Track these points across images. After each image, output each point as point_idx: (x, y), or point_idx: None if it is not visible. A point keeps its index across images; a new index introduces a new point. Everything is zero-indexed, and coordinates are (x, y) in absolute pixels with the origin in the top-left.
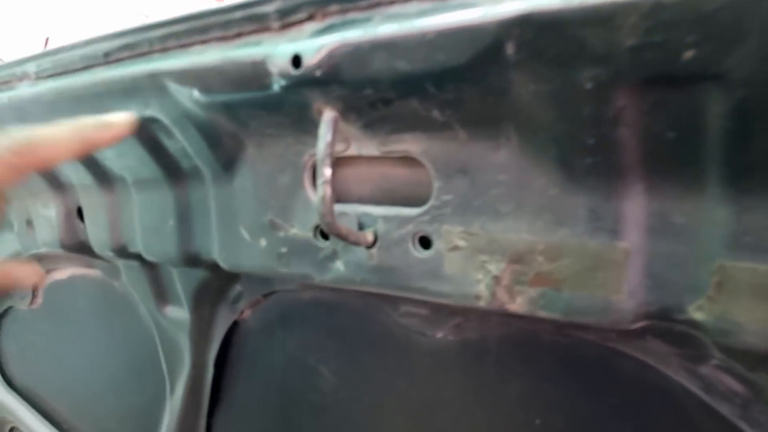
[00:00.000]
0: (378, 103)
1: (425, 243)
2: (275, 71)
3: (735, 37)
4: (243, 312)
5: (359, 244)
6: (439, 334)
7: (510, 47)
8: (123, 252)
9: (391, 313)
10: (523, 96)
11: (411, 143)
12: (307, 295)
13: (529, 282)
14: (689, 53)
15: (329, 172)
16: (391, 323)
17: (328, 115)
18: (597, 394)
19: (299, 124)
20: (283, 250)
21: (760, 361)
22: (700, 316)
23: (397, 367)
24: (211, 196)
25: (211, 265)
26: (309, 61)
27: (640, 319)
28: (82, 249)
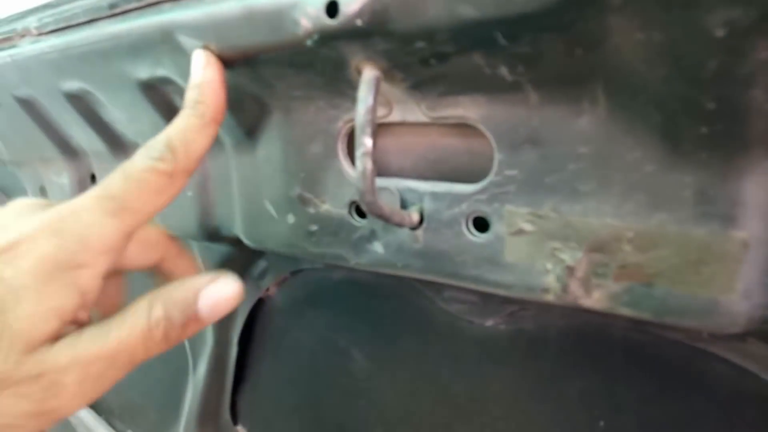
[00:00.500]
0: (431, 59)
1: (481, 225)
2: (306, 22)
3: None
4: (269, 289)
5: (403, 225)
6: (489, 323)
7: None
8: None
9: (433, 297)
10: (624, 48)
11: (468, 107)
12: (338, 274)
13: (612, 275)
14: None
15: (370, 143)
16: (432, 308)
17: (369, 75)
18: (678, 399)
19: (333, 84)
20: (314, 228)
21: None
22: None
23: (437, 355)
24: (233, 165)
25: (234, 240)
26: (348, 8)
27: (756, 323)
28: None
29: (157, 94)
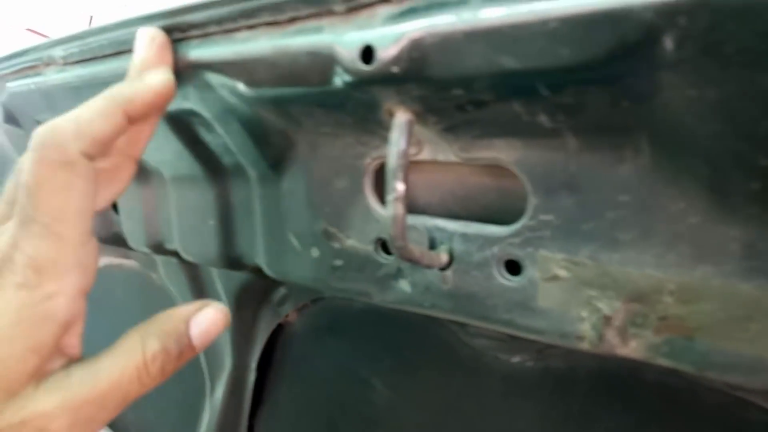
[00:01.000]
0: (468, 105)
1: (514, 268)
2: (339, 65)
3: None
4: (288, 315)
5: (432, 266)
6: (516, 359)
7: (669, 41)
8: (159, 248)
9: (457, 332)
10: (674, 102)
11: (502, 150)
12: (359, 304)
13: (651, 326)
14: None
15: (402, 187)
16: (456, 341)
17: (402, 118)
18: None
19: (363, 124)
20: (338, 263)
21: None
22: None
23: (460, 388)
24: (256, 196)
25: (255, 269)
26: (384, 53)
27: None
28: (117, 241)
29: (182, 125)
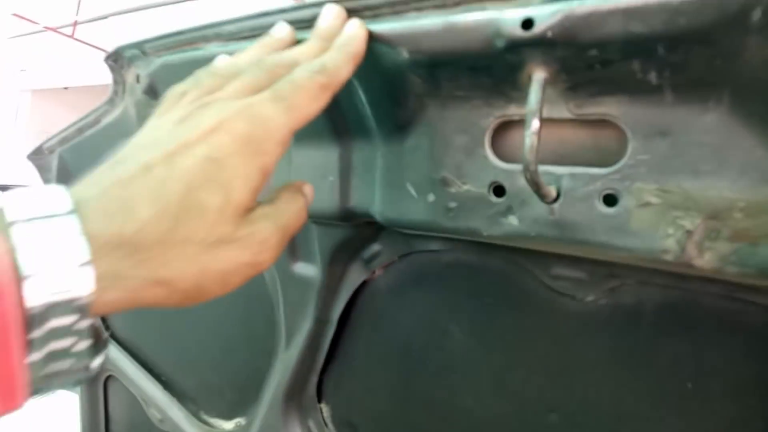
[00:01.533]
0: (597, 64)
1: (611, 200)
2: (502, 33)
3: None
4: (374, 272)
5: (546, 196)
6: (590, 298)
7: (757, 13)
8: None
9: (539, 275)
10: (753, 60)
11: (611, 106)
12: (446, 257)
13: (724, 237)
14: None
15: (537, 125)
16: (536, 285)
17: (540, 76)
18: (763, 359)
19: (497, 85)
20: (453, 204)
21: None
22: None
23: (536, 328)
24: (380, 154)
25: (359, 222)
26: (542, 23)
27: None
28: None
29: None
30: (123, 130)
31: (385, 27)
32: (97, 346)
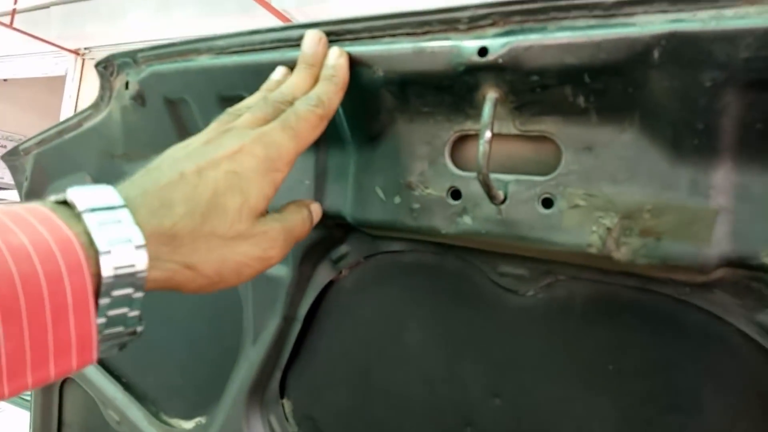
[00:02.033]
0: (538, 88)
1: (547, 203)
2: (462, 58)
3: None
4: (341, 272)
5: (495, 198)
6: (530, 293)
7: (656, 53)
8: None
9: (488, 273)
10: (656, 90)
11: (549, 124)
12: (407, 258)
13: (635, 233)
14: None
15: (489, 136)
16: (485, 283)
17: (492, 95)
18: (668, 342)
19: (457, 103)
20: (416, 206)
21: None
22: None
23: (486, 321)
24: (352, 161)
25: (331, 223)
26: (494, 52)
27: (723, 264)
28: None
29: None
30: (105, 135)
31: (363, 49)
32: (141, 316)
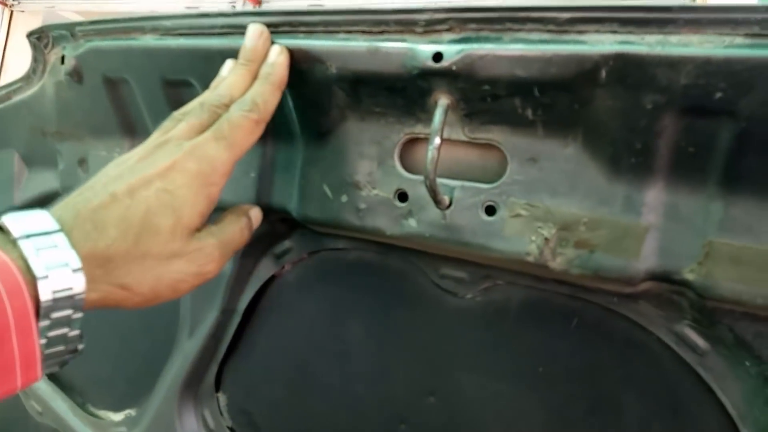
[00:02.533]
0: (488, 98)
1: (490, 210)
2: (416, 62)
3: (747, 88)
4: (284, 267)
5: (441, 203)
6: (469, 295)
7: (603, 72)
8: None
9: (429, 274)
10: (600, 108)
11: (497, 134)
12: (351, 256)
13: (571, 245)
14: (719, 94)
15: (438, 142)
16: (426, 284)
17: (444, 102)
18: (594, 347)
19: (408, 106)
20: (363, 206)
21: (719, 318)
22: (691, 276)
23: (423, 321)
24: (300, 157)
25: (275, 218)
26: (449, 58)
27: (649, 277)
28: None
29: None
30: (37, 110)
31: (317, 44)
32: (81, 335)
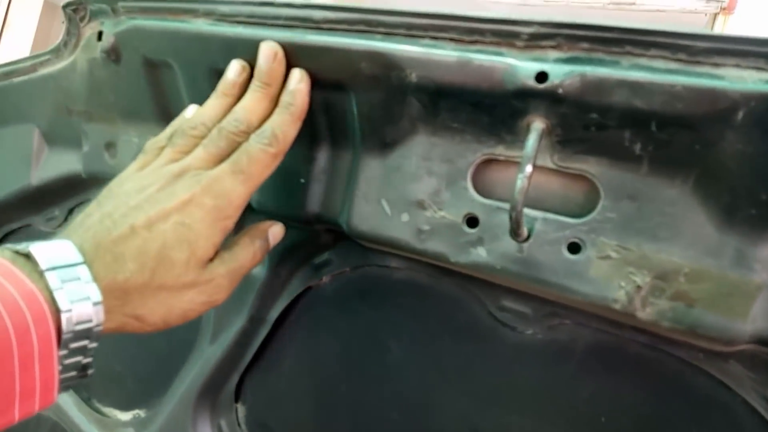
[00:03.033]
0: (593, 127)
1: (574, 248)
2: (515, 80)
3: None
4: (322, 279)
5: (519, 235)
6: (529, 331)
7: (741, 113)
8: None
9: (487, 305)
10: (726, 151)
11: (591, 164)
12: (398, 275)
13: (666, 296)
14: None
15: (530, 170)
16: (482, 314)
17: (539, 126)
18: (668, 402)
19: (492, 126)
20: (425, 228)
21: None
22: None
23: (472, 352)
24: (359, 166)
25: (320, 228)
26: (555, 79)
27: (754, 341)
28: None
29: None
30: (65, 87)
31: (397, 47)
32: (92, 362)
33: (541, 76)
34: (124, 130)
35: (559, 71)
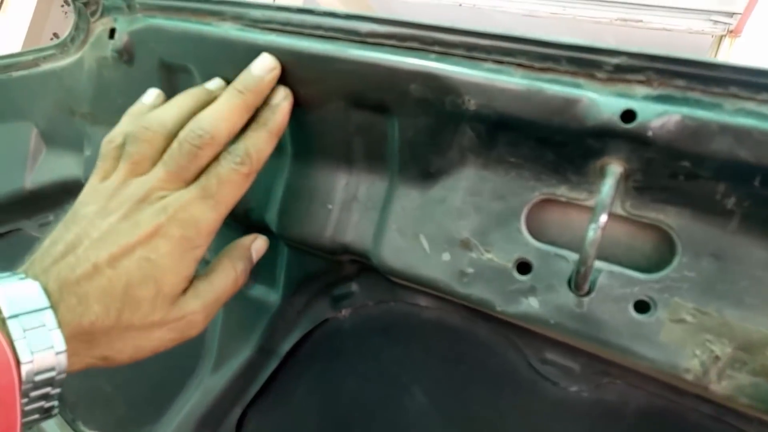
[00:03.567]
0: (682, 176)
1: (643, 307)
2: (597, 117)
3: None
4: (341, 312)
5: (582, 289)
6: (574, 388)
7: None
8: (242, 218)
9: (528, 356)
10: None
11: (670, 216)
12: (427, 314)
13: (748, 370)
14: None
15: (605, 219)
16: (521, 365)
17: (616, 170)
18: None
19: (557, 164)
20: (470, 270)
21: None
22: None
23: (509, 407)
24: (395, 195)
25: (345, 257)
26: (644, 120)
27: None
28: None
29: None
30: (69, 85)
31: (456, 70)
32: (57, 404)
33: (628, 115)
34: None
35: (650, 111)
